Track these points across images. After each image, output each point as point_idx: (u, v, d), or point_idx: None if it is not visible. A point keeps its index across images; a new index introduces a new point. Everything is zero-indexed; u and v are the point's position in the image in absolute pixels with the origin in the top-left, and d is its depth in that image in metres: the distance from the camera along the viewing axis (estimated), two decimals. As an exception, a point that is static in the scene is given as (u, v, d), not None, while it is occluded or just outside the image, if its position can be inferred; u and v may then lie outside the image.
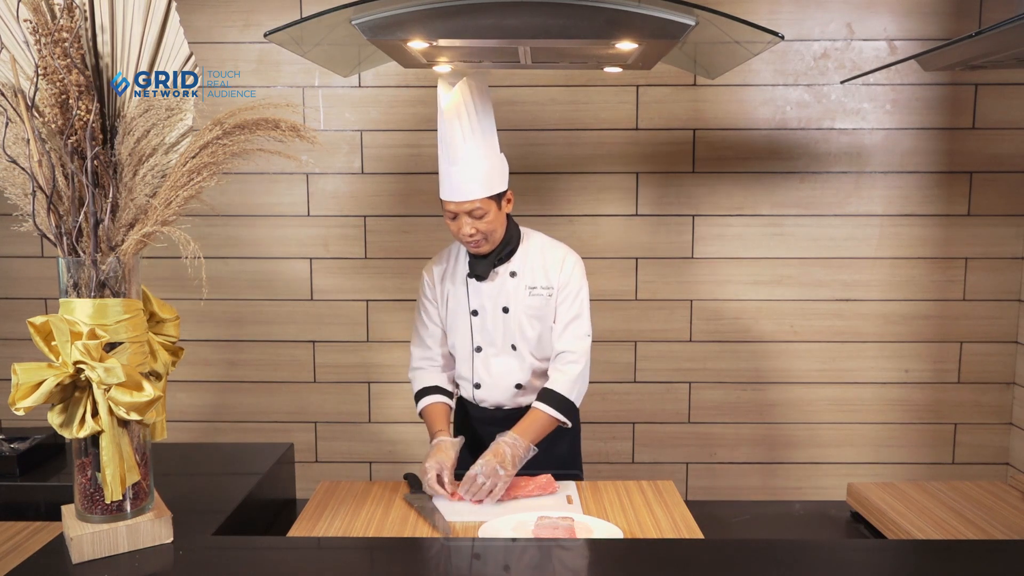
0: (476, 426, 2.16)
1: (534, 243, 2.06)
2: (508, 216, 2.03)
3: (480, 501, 1.82)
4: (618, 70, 2.26)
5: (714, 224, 3.19)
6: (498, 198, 1.95)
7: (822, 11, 3.07)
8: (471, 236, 1.94)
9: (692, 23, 1.69)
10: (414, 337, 2.18)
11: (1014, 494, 2.74)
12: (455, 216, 1.94)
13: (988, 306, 3.22)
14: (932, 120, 3.13)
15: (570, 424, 2.02)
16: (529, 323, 2.03)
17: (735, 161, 3.16)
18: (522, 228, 2.08)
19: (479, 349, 2.07)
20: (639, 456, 3.33)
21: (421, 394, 2.13)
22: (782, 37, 1.75)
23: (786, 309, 3.23)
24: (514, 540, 1.55)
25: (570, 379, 2.00)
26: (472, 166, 1.90)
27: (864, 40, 3.08)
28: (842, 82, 3.04)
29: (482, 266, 2.01)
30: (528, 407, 2.03)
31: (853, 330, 3.24)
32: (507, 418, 2.09)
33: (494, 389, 2.08)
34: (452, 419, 2.15)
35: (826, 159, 3.15)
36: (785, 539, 2.31)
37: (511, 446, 1.89)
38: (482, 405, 2.12)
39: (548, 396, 1.99)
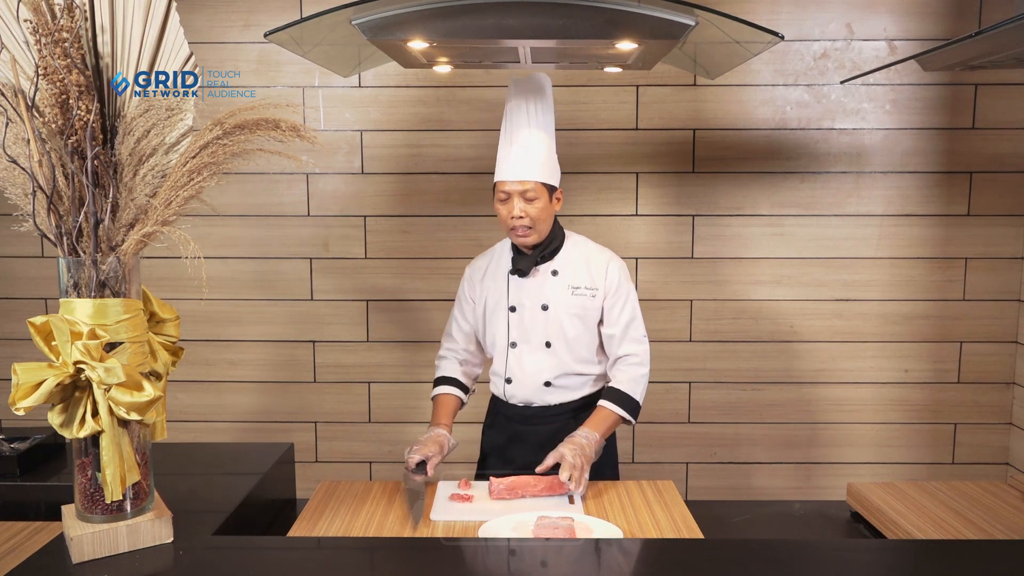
0: (507, 424, 2.18)
1: (578, 245, 2.12)
2: (555, 218, 2.09)
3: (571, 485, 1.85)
4: (618, 70, 2.26)
5: (714, 224, 3.19)
6: (550, 190, 2.02)
7: (822, 11, 3.07)
8: (520, 219, 1.98)
9: (692, 23, 1.69)
10: (447, 326, 2.25)
11: (1014, 494, 2.73)
12: (507, 198, 1.99)
13: (988, 306, 3.22)
14: (932, 120, 3.13)
15: (634, 422, 2.08)
16: (570, 322, 2.06)
17: (735, 161, 3.16)
18: (566, 231, 2.14)
19: (514, 345, 2.10)
20: (639, 456, 3.33)
21: (438, 382, 2.20)
22: (782, 37, 1.75)
23: (786, 309, 3.23)
24: (510, 540, 1.55)
25: (635, 379, 2.07)
26: (533, 150, 1.99)
27: (864, 40, 3.08)
28: (842, 82, 3.04)
29: (525, 261, 2.06)
30: (556, 406, 2.11)
31: (853, 330, 3.24)
32: (536, 415, 2.12)
33: (524, 385, 2.10)
34: (455, 416, 2.19)
35: (826, 159, 3.15)
36: (785, 539, 2.31)
37: (587, 438, 1.96)
38: (511, 401, 2.14)
39: (615, 395, 2.06)
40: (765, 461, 3.32)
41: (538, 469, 1.92)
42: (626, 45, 1.81)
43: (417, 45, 1.85)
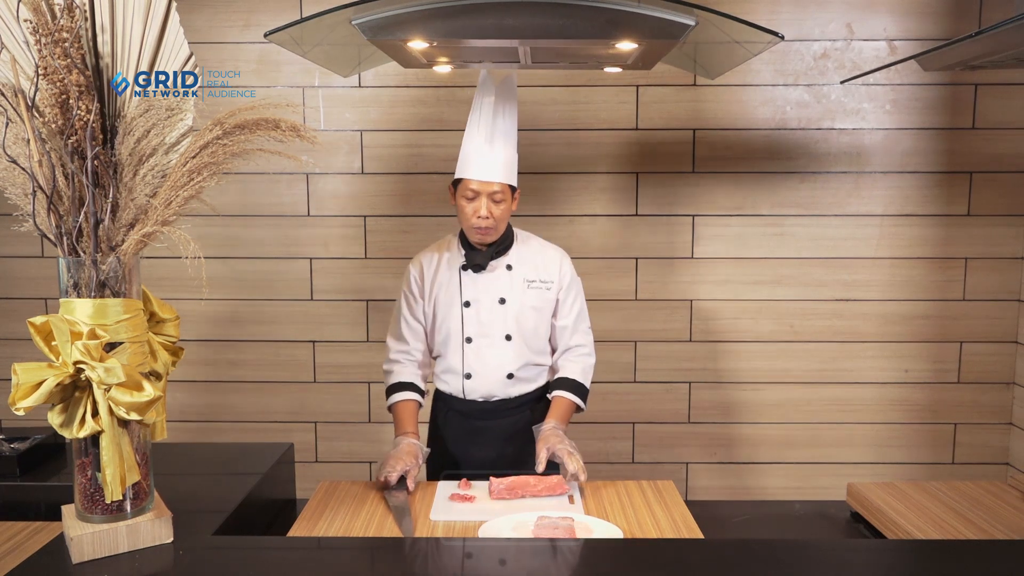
0: (462, 421, 2.17)
1: (528, 241, 2.19)
2: None
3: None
4: (618, 70, 2.26)
5: (714, 224, 3.19)
6: (513, 192, 2.08)
7: (822, 11, 3.07)
8: (485, 219, 2.01)
9: (692, 23, 1.69)
10: (393, 330, 2.21)
11: (1014, 494, 2.73)
12: (474, 197, 2.02)
13: (988, 306, 3.22)
14: (932, 120, 3.13)
15: (585, 409, 2.17)
16: (528, 314, 2.12)
17: (735, 161, 3.16)
18: (515, 229, 2.19)
19: (469, 340, 2.10)
20: (639, 456, 3.33)
21: (396, 388, 2.15)
22: (782, 37, 1.75)
23: (786, 309, 3.23)
24: (511, 540, 1.55)
25: (586, 368, 2.18)
26: (505, 152, 2.04)
27: (864, 40, 3.08)
28: (842, 82, 3.04)
29: (481, 257, 2.09)
30: (516, 398, 2.14)
31: (853, 330, 3.24)
32: (497, 409, 2.14)
33: (486, 379, 2.11)
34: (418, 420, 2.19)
35: (826, 159, 3.15)
36: (785, 539, 2.31)
37: (561, 429, 2.04)
38: (470, 397, 2.14)
39: (569, 385, 2.14)
40: (765, 461, 3.32)
41: (539, 469, 1.93)
42: (626, 45, 1.81)
43: (417, 45, 1.85)
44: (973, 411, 3.28)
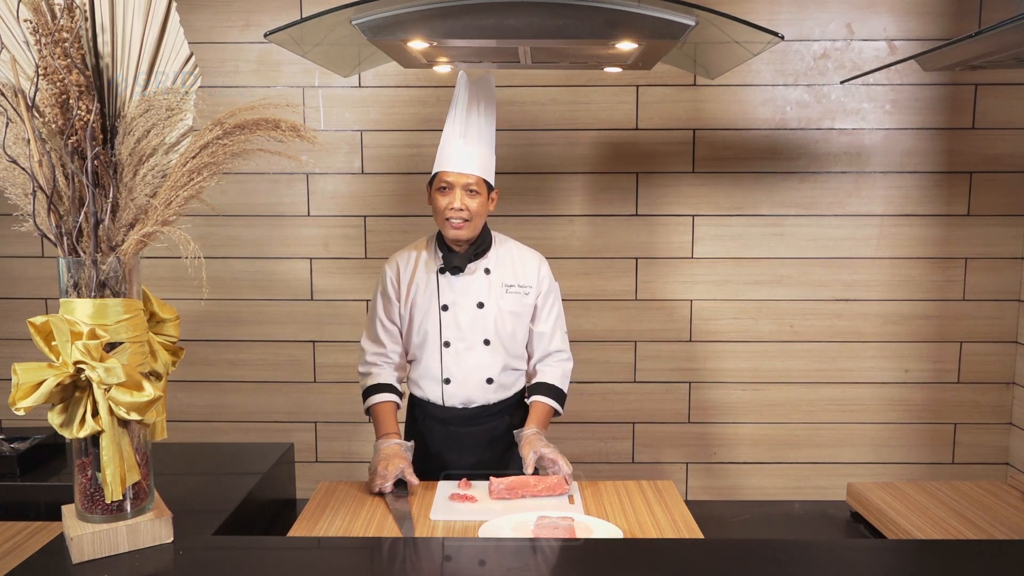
0: (439, 427, 2.15)
1: (507, 246, 2.17)
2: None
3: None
4: (618, 70, 2.26)
5: (714, 224, 3.19)
6: (489, 189, 2.06)
7: (822, 11, 3.07)
8: (459, 211, 2.00)
9: (692, 23, 1.69)
10: (368, 332, 2.18)
11: (1014, 494, 2.73)
12: (449, 188, 2.01)
13: (988, 306, 3.22)
14: (932, 120, 3.13)
15: (562, 413, 2.19)
16: (507, 319, 2.10)
17: (735, 161, 3.16)
18: (493, 232, 2.16)
19: (447, 344, 2.09)
20: (639, 456, 3.33)
21: (375, 390, 2.12)
22: (782, 37, 1.75)
23: (786, 309, 3.23)
24: (511, 540, 1.55)
25: (565, 374, 2.19)
26: (481, 145, 2.03)
27: (864, 40, 3.09)
28: (842, 82, 3.04)
29: (460, 258, 2.07)
30: (496, 404, 2.14)
31: (853, 330, 3.24)
32: (477, 415, 2.12)
33: (465, 384, 2.10)
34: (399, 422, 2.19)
35: (826, 159, 3.15)
36: (785, 539, 2.31)
37: (543, 435, 2.05)
38: (449, 403, 2.12)
39: (549, 390, 2.14)
40: (765, 461, 3.32)
41: (528, 471, 1.94)
42: (626, 45, 1.81)
43: (417, 45, 1.85)
44: (973, 411, 3.28)
